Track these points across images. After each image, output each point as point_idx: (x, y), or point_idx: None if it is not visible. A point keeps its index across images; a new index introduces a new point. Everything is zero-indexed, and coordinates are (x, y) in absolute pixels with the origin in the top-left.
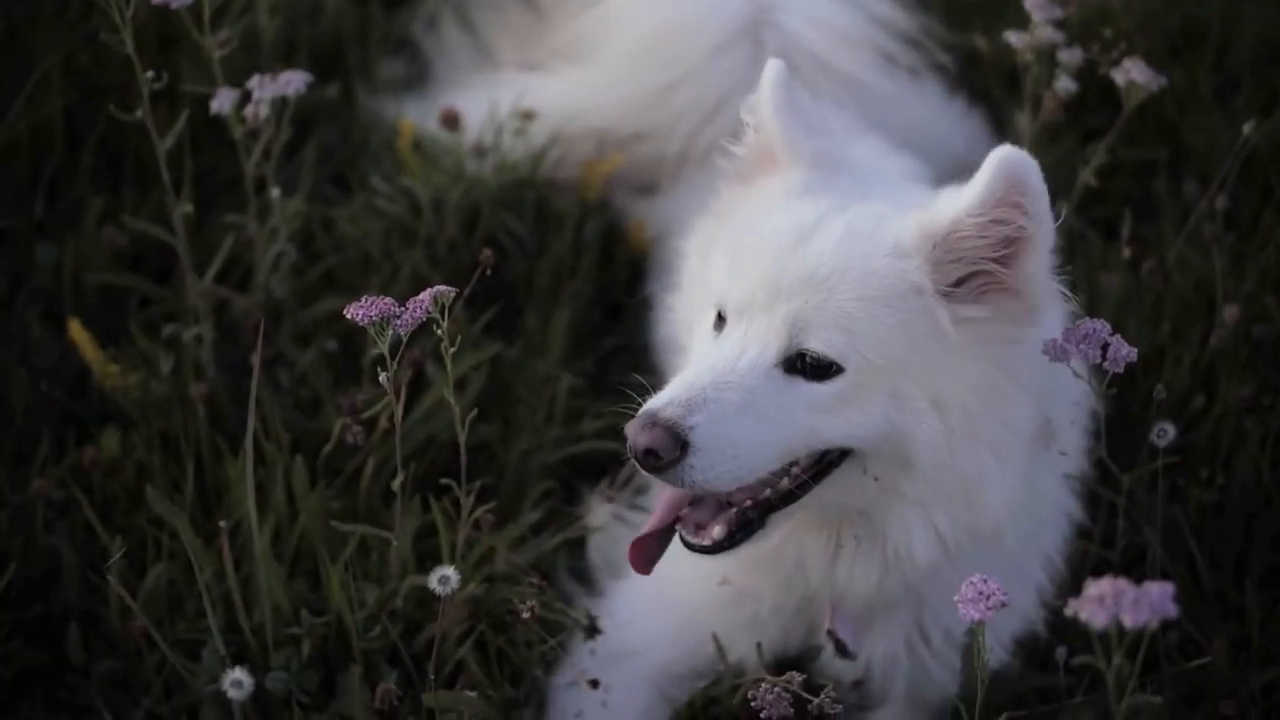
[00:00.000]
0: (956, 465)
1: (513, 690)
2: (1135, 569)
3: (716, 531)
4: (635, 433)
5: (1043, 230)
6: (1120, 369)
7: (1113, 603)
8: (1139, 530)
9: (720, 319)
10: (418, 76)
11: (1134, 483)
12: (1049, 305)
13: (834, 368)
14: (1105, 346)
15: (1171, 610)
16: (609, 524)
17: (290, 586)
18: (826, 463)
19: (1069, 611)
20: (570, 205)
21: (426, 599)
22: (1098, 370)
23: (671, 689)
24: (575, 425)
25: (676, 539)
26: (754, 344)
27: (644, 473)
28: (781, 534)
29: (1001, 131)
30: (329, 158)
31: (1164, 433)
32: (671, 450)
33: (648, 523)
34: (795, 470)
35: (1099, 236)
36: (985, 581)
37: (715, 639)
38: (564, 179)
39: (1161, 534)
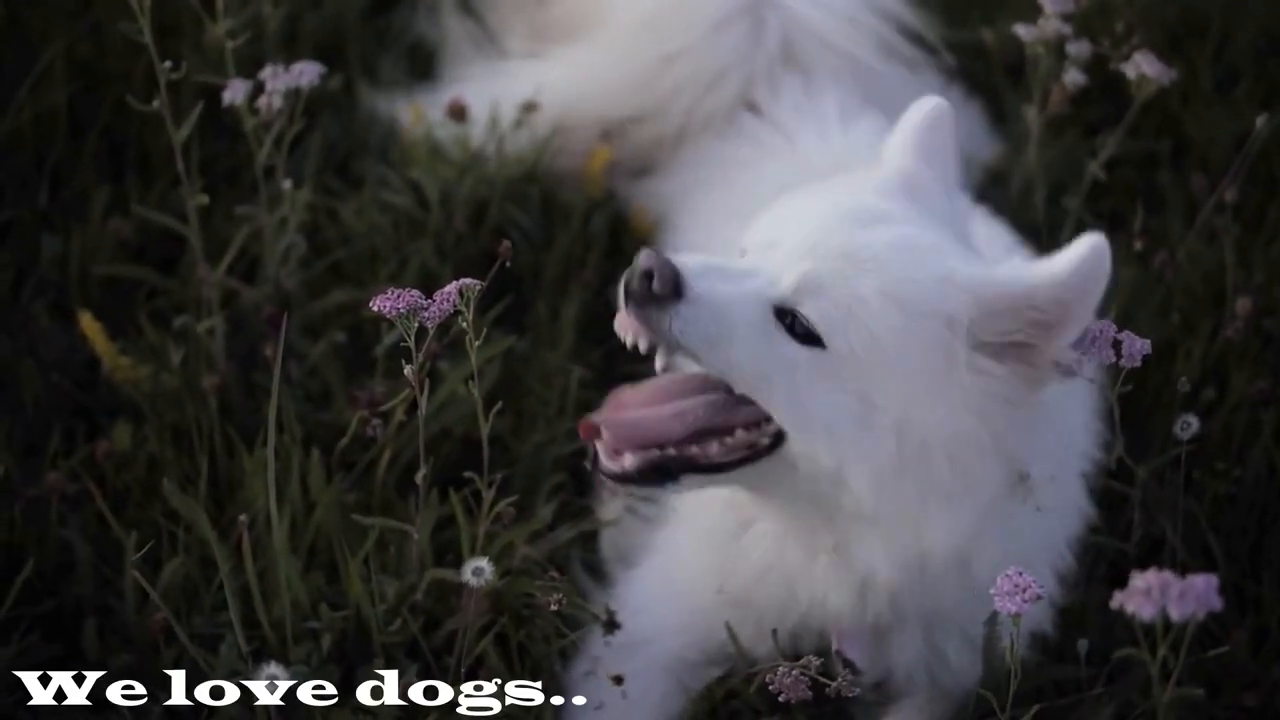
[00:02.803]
0: (898, 495)
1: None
2: (1149, 561)
3: (629, 461)
4: (643, 257)
5: (1091, 311)
6: (1137, 363)
7: (1159, 595)
8: (1153, 522)
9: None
10: (420, 67)
11: (1148, 475)
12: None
13: (817, 341)
14: (1117, 344)
15: (1217, 603)
16: (621, 517)
17: (308, 580)
18: (760, 448)
19: (1115, 604)
20: (576, 198)
21: (445, 593)
22: (1111, 370)
23: (686, 677)
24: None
25: None
26: (765, 274)
27: (624, 299)
28: (766, 542)
29: (1002, 123)
30: (332, 150)
31: (1187, 425)
32: (667, 285)
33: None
34: (730, 441)
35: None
36: (1020, 574)
37: (729, 628)
38: (566, 170)
39: (1173, 527)
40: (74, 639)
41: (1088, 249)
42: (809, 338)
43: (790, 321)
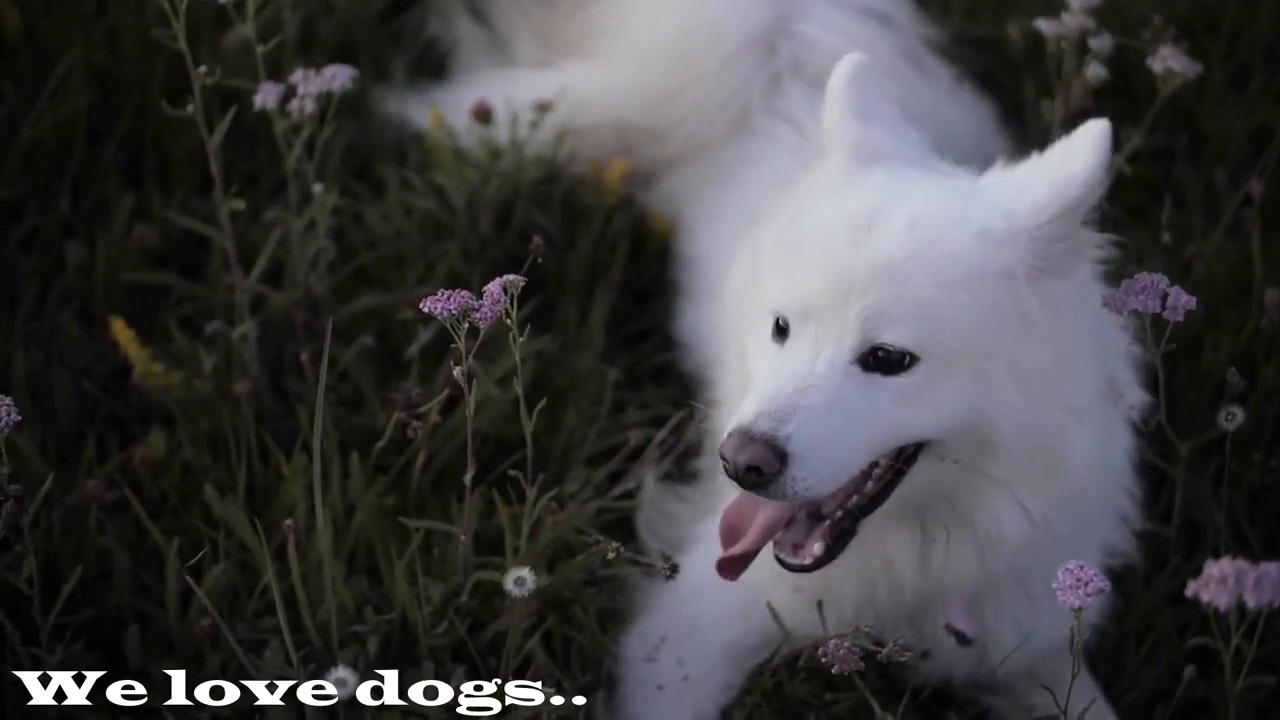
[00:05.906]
0: (1039, 434)
1: (583, 677)
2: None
3: (817, 548)
4: (734, 452)
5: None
6: (1180, 317)
7: (1235, 584)
8: (1188, 509)
9: (779, 328)
10: (432, 70)
11: (1188, 460)
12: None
13: (909, 359)
14: (1164, 296)
15: None
16: (660, 498)
17: (352, 584)
18: (905, 458)
19: (1190, 592)
20: (597, 199)
21: (490, 593)
22: (1155, 326)
23: (746, 661)
24: (618, 416)
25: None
26: (827, 345)
27: (743, 490)
28: (864, 534)
29: (1019, 118)
30: (351, 153)
31: (1232, 415)
32: (773, 464)
33: (740, 543)
34: (877, 471)
35: (1129, 224)
36: (1082, 569)
37: (771, 609)
38: (581, 176)
39: (1213, 515)
40: (115, 646)
41: (1096, 141)
42: (902, 362)
43: (879, 360)
